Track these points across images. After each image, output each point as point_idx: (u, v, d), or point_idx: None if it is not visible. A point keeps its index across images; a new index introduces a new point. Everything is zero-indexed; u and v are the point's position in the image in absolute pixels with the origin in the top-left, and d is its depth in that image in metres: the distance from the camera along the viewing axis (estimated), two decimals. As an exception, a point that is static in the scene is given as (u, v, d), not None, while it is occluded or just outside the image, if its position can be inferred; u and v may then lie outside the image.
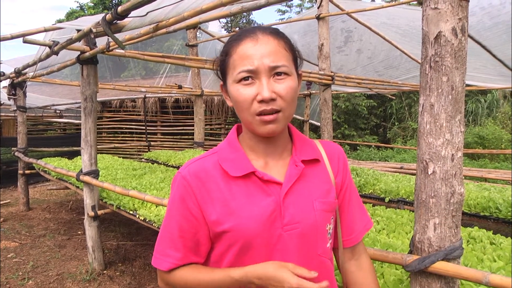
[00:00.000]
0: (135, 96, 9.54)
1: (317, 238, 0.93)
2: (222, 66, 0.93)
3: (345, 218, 1.04)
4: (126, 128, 10.61)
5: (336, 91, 7.91)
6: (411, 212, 2.70)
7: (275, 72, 0.86)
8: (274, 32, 0.89)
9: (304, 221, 0.91)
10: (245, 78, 0.86)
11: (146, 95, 9.22)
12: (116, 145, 9.33)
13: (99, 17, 2.83)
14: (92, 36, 2.97)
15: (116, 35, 2.65)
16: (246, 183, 0.92)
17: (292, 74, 0.89)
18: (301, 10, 16.36)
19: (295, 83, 0.90)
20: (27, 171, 5.90)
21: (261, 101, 0.85)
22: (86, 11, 15.40)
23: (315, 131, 11.27)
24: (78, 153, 6.81)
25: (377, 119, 12.25)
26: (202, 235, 0.93)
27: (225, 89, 0.95)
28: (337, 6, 4.31)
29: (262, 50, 0.85)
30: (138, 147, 10.02)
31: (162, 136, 10.37)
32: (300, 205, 0.92)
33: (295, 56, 0.93)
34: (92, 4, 15.37)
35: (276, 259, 0.89)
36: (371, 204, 3.00)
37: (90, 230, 3.58)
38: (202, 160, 0.96)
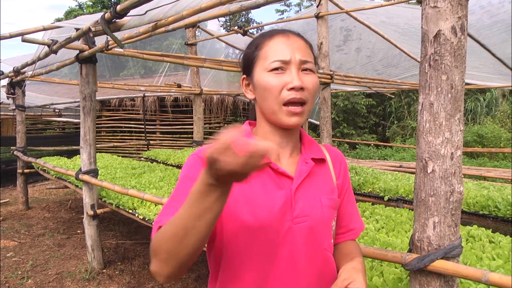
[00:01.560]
0: (134, 95, 9.51)
1: (323, 232, 0.96)
2: (248, 59, 0.97)
3: (343, 217, 1.07)
4: (125, 127, 10.59)
5: (335, 89, 7.90)
6: (410, 210, 2.71)
7: (302, 67, 0.92)
8: (301, 35, 0.98)
9: (312, 215, 0.93)
10: (276, 68, 0.91)
11: (145, 94, 9.19)
12: (115, 144, 9.31)
13: (98, 16, 2.83)
14: (91, 35, 2.97)
15: (115, 34, 2.65)
16: (260, 173, 0.93)
17: (315, 73, 0.96)
18: (300, 9, 16.34)
19: (318, 80, 0.96)
20: (26, 170, 5.88)
21: (291, 89, 0.90)
22: (85, 10, 15.38)
23: (314, 130, 11.26)
24: (77, 152, 6.81)
25: (376, 117, 12.24)
26: None
27: (248, 82, 0.99)
28: (336, 4, 4.31)
29: (294, 45, 0.93)
30: (137, 146, 10.02)
31: (161, 135, 10.36)
32: (309, 200, 0.95)
33: (315, 60, 0.99)
34: (91, 3, 15.35)
35: (285, 251, 0.91)
36: (370, 203, 3.00)
37: (90, 229, 3.58)
38: None
